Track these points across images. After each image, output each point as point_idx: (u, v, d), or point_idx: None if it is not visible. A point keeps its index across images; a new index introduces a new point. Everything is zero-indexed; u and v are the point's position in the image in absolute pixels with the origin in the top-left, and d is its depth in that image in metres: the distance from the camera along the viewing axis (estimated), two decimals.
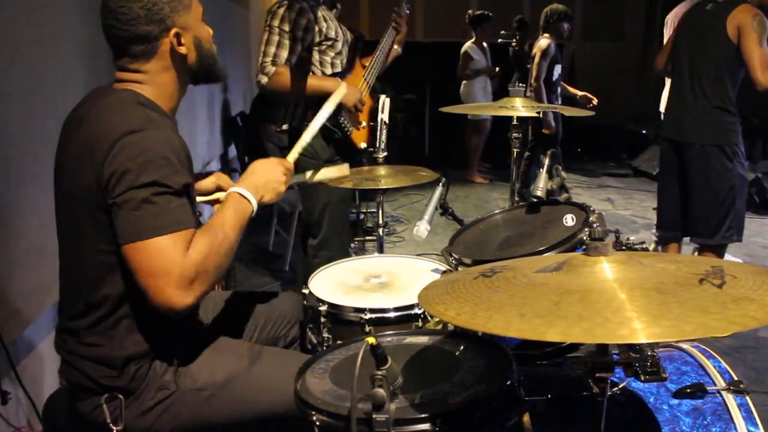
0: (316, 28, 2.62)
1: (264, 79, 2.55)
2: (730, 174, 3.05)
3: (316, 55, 2.66)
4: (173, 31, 1.38)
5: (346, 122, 2.65)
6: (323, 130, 2.62)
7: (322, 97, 2.60)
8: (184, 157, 1.34)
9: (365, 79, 2.77)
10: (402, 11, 2.86)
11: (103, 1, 1.36)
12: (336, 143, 2.68)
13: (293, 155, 1.67)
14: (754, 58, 2.89)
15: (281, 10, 2.57)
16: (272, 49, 2.56)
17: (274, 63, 2.54)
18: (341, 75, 2.71)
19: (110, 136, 1.27)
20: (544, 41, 5.05)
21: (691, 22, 3.21)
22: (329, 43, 2.66)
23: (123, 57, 1.39)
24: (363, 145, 2.73)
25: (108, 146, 1.26)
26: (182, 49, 1.41)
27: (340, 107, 2.56)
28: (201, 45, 1.46)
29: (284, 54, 2.55)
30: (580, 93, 5.10)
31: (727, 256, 4.09)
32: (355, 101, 2.62)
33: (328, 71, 2.69)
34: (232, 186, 1.48)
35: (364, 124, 2.74)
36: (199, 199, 1.62)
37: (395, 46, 2.88)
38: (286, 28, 2.56)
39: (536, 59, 5.02)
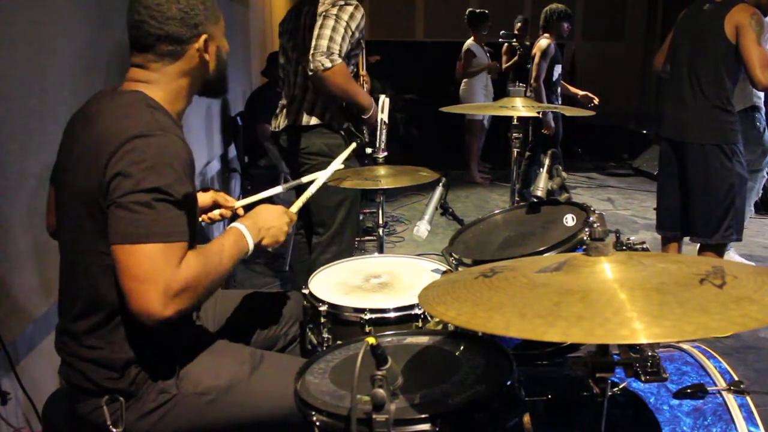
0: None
1: (327, 63, 2.40)
2: (729, 173, 3.06)
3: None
4: (203, 36, 1.40)
5: (366, 132, 2.66)
6: (347, 133, 2.66)
7: (352, 105, 2.56)
8: (188, 166, 1.33)
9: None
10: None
11: None
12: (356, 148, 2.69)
13: (297, 206, 1.71)
14: (752, 58, 2.89)
15: (350, 8, 2.50)
16: (339, 39, 2.44)
17: (340, 55, 2.43)
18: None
19: (117, 138, 1.26)
20: (544, 41, 5.05)
21: (689, 22, 3.21)
22: (361, 46, 2.64)
23: (147, 53, 1.38)
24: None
25: (114, 148, 1.26)
26: (207, 57, 1.43)
27: (365, 119, 2.62)
28: (221, 57, 1.49)
29: (345, 50, 2.47)
30: (581, 93, 5.09)
31: (734, 256, 4.10)
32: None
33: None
34: (234, 223, 1.49)
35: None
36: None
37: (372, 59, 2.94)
38: (353, 26, 2.49)
39: (536, 59, 5.02)
